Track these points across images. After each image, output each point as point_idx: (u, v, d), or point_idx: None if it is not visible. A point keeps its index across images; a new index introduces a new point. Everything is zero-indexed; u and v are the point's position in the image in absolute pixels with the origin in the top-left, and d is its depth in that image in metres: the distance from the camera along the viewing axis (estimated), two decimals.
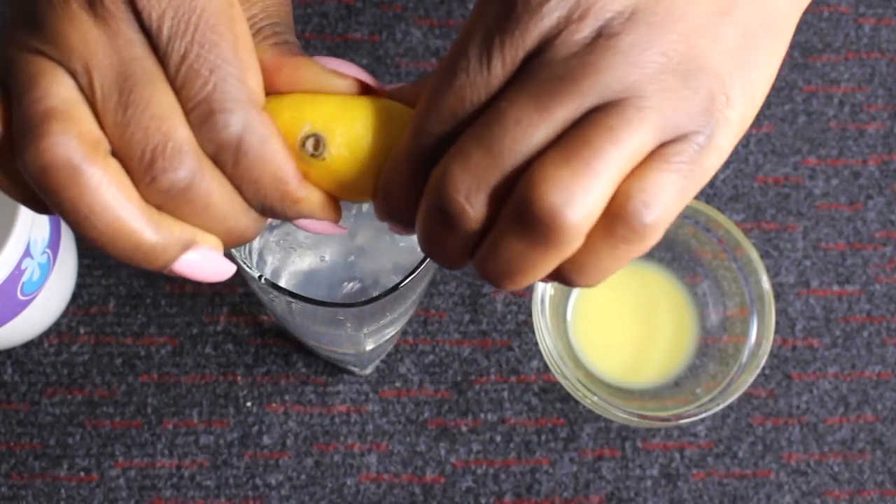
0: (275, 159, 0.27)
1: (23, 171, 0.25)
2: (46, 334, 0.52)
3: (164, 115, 0.25)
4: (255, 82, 0.27)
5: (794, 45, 0.59)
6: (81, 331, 0.53)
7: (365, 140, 0.28)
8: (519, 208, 0.24)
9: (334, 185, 0.28)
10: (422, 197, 0.26)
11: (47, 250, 0.46)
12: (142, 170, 0.25)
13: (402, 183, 0.27)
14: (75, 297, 0.53)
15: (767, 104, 0.58)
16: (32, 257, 0.45)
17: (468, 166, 0.25)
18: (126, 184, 0.25)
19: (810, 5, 0.60)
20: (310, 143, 0.28)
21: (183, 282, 0.54)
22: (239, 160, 0.26)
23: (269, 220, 0.30)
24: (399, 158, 0.27)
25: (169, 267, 0.27)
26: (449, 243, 0.26)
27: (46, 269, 0.47)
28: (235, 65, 0.26)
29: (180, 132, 0.25)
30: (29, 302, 0.47)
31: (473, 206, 0.25)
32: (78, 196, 0.25)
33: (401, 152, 0.27)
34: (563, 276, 0.26)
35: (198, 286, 0.54)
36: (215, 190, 0.26)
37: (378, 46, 0.57)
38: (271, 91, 0.28)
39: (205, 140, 0.26)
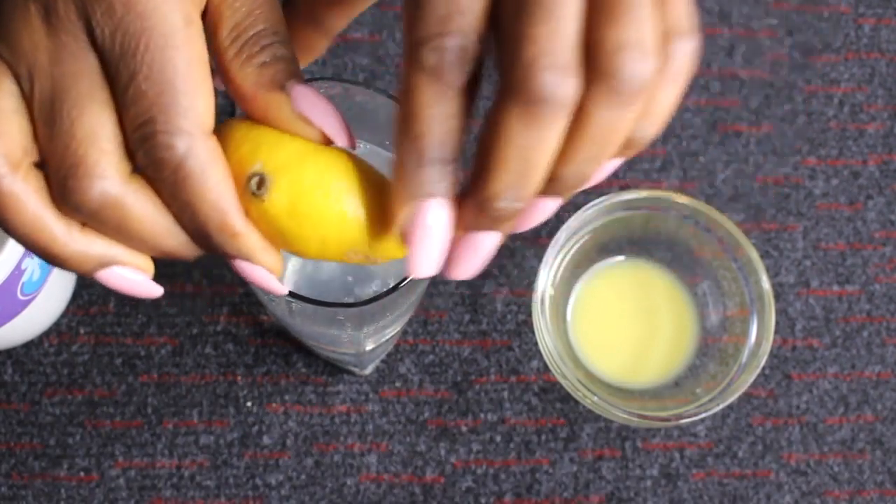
0: (216, 188, 0.26)
1: None
2: (46, 334, 0.52)
3: (87, 135, 0.25)
4: (205, 107, 0.26)
5: (794, 45, 0.59)
6: (81, 331, 0.53)
7: (311, 195, 0.27)
8: (603, 69, 0.23)
9: (271, 231, 0.27)
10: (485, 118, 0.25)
11: None
12: (56, 185, 0.26)
13: (445, 108, 0.25)
14: (75, 297, 0.53)
15: (767, 104, 0.58)
16: (32, 257, 0.45)
17: (540, 41, 0.23)
18: (45, 198, 0.26)
19: (810, 5, 0.60)
20: (254, 182, 0.27)
21: (183, 281, 0.54)
22: (178, 184, 0.26)
23: None
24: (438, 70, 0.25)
25: (93, 276, 0.28)
26: (544, 141, 0.24)
27: (46, 269, 0.47)
28: (184, 88, 0.25)
29: (99, 155, 0.25)
30: (29, 302, 0.47)
31: (566, 66, 0.23)
32: (5, 211, 0.26)
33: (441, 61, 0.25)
34: (643, 137, 0.26)
35: (198, 286, 0.54)
36: (136, 213, 0.26)
37: (378, 46, 0.57)
38: (250, 117, 0.28)
39: (145, 160, 0.26)
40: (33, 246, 0.26)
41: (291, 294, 0.33)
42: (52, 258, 0.27)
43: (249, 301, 0.53)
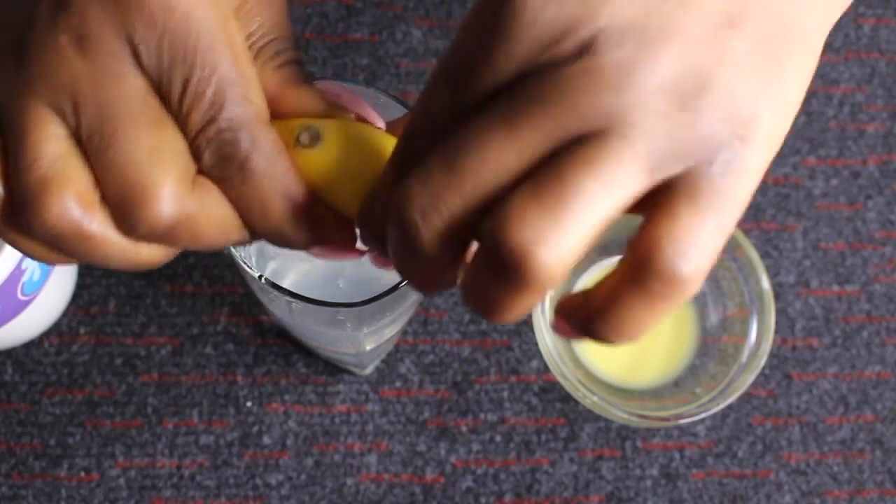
0: (285, 177, 0.26)
1: (35, 236, 0.26)
2: (46, 334, 0.52)
3: (144, 158, 0.25)
4: (259, 98, 0.26)
5: None
6: (81, 331, 0.53)
7: (359, 147, 0.27)
8: (487, 246, 0.22)
9: (324, 180, 0.27)
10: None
11: None
12: (120, 216, 0.25)
13: (380, 198, 0.26)
14: (75, 297, 0.53)
15: None
16: None
17: (427, 182, 0.23)
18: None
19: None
20: (305, 135, 0.27)
21: (183, 282, 0.54)
22: (246, 179, 0.26)
23: None
24: (383, 172, 0.26)
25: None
26: (414, 266, 0.24)
27: (47, 269, 0.47)
28: (239, 83, 0.25)
29: (160, 176, 0.25)
30: (29, 302, 0.47)
31: (428, 226, 0.23)
32: (89, 251, 0.26)
33: (385, 167, 0.26)
34: (600, 336, 0.24)
35: (198, 286, 0.54)
36: (207, 221, 0.26)
37: (378, 46, 0.57)
38: (275, 116, 0.28)
39: (211, 161, 0.26)
40: (130, 266, 0.27)
41: (291, 294, 0.33)
42: (149, 267, 0.27)
43: (249, 301, 0.53)
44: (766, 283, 0.51)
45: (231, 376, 0.53)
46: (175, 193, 0.25)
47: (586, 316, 0.24)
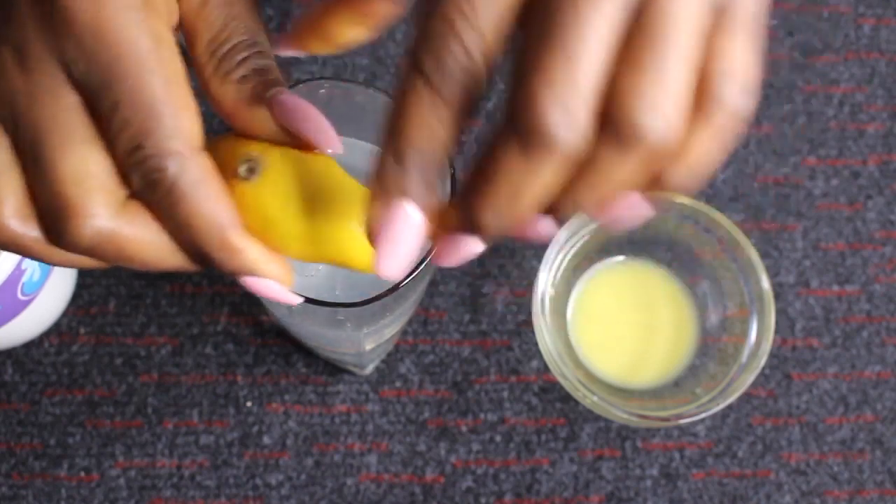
0: (212, 204, 0.26)
1: None
2: (46, 334, 0.52)
3: (72, 176, 0.25)
4: (191, 124, 0.26)
5: (794, 46, 0.59)
6: (81, 331, 0.53)
7: (297, 185, 0.27)
8: (617, 129, 0.23)
9: (261, 216, 0.27)
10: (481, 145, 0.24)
11: None
12: (47, 229, 0.26)
13: (442, 122, 0.24)
14: (75, 297, 0.53)
15: (767, 104, 0.58)
16: None
17: (554, 80, 0.22)
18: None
19: (810, 5, 0.60)
20: (243, 168, 0.27)
21: (183, 282, 0.54)
22: (173, 205, 0.26)
23: None
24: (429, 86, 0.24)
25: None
26: (534, 181, 0.24)
27: (46, 269, 0.47)
28: (166, 109, 0.25)
29: (86, 195, 0.25)
30: (29, 302, 0.47)
31: (574, 114, 0.22)
32: (29, 256, 0.26)
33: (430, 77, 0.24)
34: (672, 184, 0.25)
35: (198, 286, 0.54)
36: (133, 242, 0.26)
37: (378, 47, 0.57)
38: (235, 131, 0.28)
39: (139, 185, 0.26)
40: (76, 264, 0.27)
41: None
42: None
43: (249, 301, 0.53)
44: (766, 283, 0.51)
45: (231, 376, 0.53)
46: (98, 214, 0.25)
47: (475, 201, 0.24)
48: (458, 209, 0.25)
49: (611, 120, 0.23)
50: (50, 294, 0.49)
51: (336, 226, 0.27)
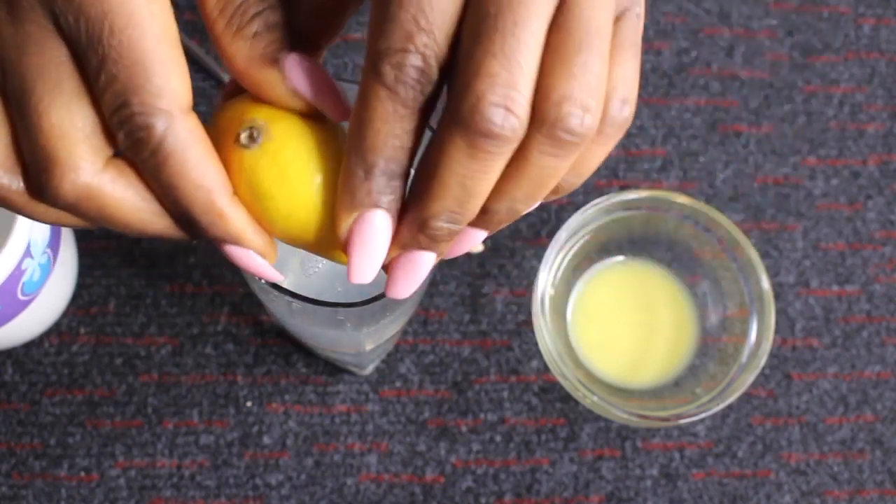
0: (199, 166, 0.25)
1: None
2: (47, 334, 0.52)
3: (57, 128, 0.25)
4: (179, 84, 0.25)
5: (794, 45, 0.59)
6: (81, 331, 0.53)
7: (300, 160, 0.27)
8: (546, 123, 0.24)
9: (253, 187, 0.27)
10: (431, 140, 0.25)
11: (47, 250, 0.46)
12: (30, 181, 0.25)
13: (399, 122, 0.25)
14: (75, 297, 0.53)
15: (767, 104, 0.58)
16: (32, 257, 0.45)
17: (495, 80, 0.24)
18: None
19: (810, 5, 0.60)
20: (245, 135, 0.26)
21: (183, 282, 0.54)
22: (159, 165, 0.25)
23: None
24: (389, 92, 0.25)
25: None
26: (482, 172, 0.25)
27: (47, 269, 0.47)
28: (155, 67, 0.25)
29: (70, 147, 0.25)
30: (29, 302, 0.47)
31: (514, 110, 0.24)
32: (14, 209, 0.26)
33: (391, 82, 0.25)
34: (563, 187, 0.27)
35: (198, 286, 0.54)
36: (115, 201, 0.26)
37: None
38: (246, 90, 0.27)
39: (125, 143, 0.25)
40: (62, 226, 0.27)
41: (291, 294, 0.33)
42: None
43: (249, 301, 0.53)
44: (766, 283, 0.51)
45: (231, 376, 0.53)
46: (81, 168, 0.25)
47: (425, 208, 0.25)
48: (410, 220, 0.26)
49: (544, 115, 0.24)
50: (50, 294, 0.49)
51: (326, 216, 0.27)
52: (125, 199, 0.26)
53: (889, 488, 0.53)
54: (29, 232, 0.44)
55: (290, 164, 0.27)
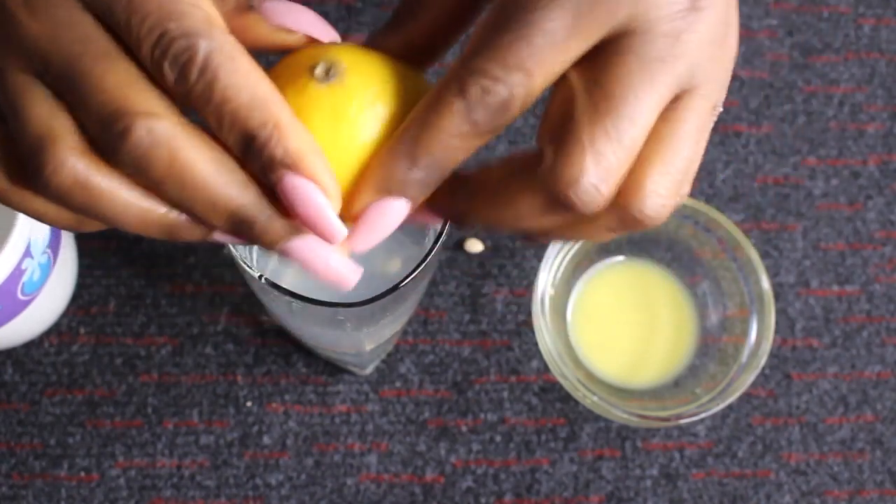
0: (251, 74, 0.25)
1: (47, 201, 0.26)
2: (46, 334, 0.52)
3: (118, 84, 0.25)
4: (209, 6, 0.25)
5: (794, 45, 0.59)
6: (81, 331, 0.53)
7: (382, 91, 0.26)
8: (625, 209, 0.26)
9: (331, 118, 0.26)
10: (513, 182, 0.26)
11: (47, 250, 0.46)
12: (103, 144, 0.25)
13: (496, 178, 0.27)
14: (75, 297, 0.53)
15: (767, 104, 0.58)
16: (32, 257, 0.45)
17: (601, 160, 0.25)
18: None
19: (810, 5, 0.60)
20: (320, 68, 0.26)
21: (183, 282, 0.54)
22: (210, 83, 0.24)
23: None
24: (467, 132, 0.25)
25: (212, 238, 0.27)
26: (542, 226, 0.27)
27: (47, 269, 0.47)
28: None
29: (138, 95, 0.25)
30: (29, 302, 0.47)
31: (603, 192, 0.25)
32: (95, 203, 0.25)
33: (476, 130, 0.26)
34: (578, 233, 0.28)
35: (198, 286, 0.54)
36: (188, 154, 0.25)
37: None
38: None
39: (173, 75, 0.25)
40: (147, 228, 0.26)
41: (291, 294, 0.33)
42: (166, 230, 0.27)
43: (249, 301, 0.53)
44: (766, 283, 0.51)
45: (231, 376, 0.53)
46: (158, 115, 0.25)
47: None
48: (460, 201, 0.27)
49: (625, 201, 0.26)
50: (50, 294, 0.49)
51: (357, 174, 0.27)
52: (197, 154, 0.25)
53: (889, 488, 0.53)
54: (29, 232, 0.44)
55: (359, 108, 0.26)
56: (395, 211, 0.26)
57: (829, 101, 0.59)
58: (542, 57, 0.25)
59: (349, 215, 0.27)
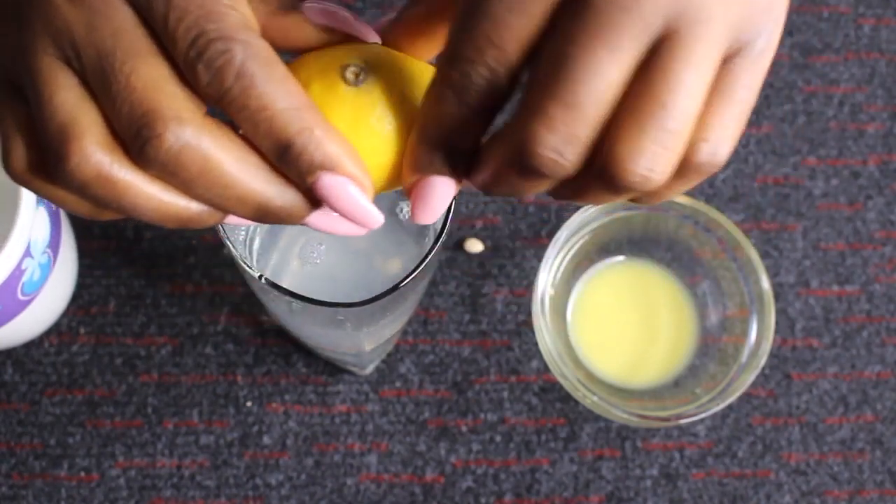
0: (286, 81, 0.25)
1: (67, 191, 0.26)
2: (47, 334, 0.52)
3: (149, 84, 0.25)
4: (246, 9, 0.26)
5: (794, 45, 0.59)
6: (81, 331, 0.53)
7: (406, 89, 0.27)
8: (604, 175, 0.24)
9: (352, 121, 0.27)
10: (490, 150, 0.26)
11: (47, 250, 0.46)
12: (131, 144, 0.25)
13: (457, 124, 0.26)
14: (75, 297, 0.53)
15: (767, 104, 0.58)
16: (33, 257, 0.45)
17: (553, 126, 0.24)
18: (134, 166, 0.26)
19: (810, 5, 0.60)
20: (350, 72, 0.27)
21: (183, 282, 0.54)
22: (246, 88, 0.25)
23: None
24: (450, 100, 0.26)
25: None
26: (529, 189, 0.26)
27: (47, 269, 0.47)
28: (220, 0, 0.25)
29: (167, 99, 0.25)
30: (29, 302, 0.47)
31: (567, 158, 0.24)
32: (116, 196, 0.25)
33: (452, 94, 0.26)
34: (636, 201, 0.27)
35: (198, 286, 0.54)
36: (218, 154, 0.25)
37: None
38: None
39: (207, 78, 0.25)
40: (164, 218, 0.26)
41: (291, 294, 0.33)
42: (179, 220, 0.27)
43: (249, 301, 0.53)
44: (766, 283, 0.51)
45: (231, 376, 0.53)
46: (183, 115, 0.25)
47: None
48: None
49: (602, 166, 0.25)
50: (50, 294, 0.49)
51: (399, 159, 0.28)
52: (227, 152, 0.25)
53: (889, 488, 0.53)
54: (29, 232, 0.44)
55: (395, 103, 0.27)
56: (436, 188, 0.27)
57: (829, 101, 0.59)
58: (507, 26, 0.24)
59: (407, 193, 0.28)
